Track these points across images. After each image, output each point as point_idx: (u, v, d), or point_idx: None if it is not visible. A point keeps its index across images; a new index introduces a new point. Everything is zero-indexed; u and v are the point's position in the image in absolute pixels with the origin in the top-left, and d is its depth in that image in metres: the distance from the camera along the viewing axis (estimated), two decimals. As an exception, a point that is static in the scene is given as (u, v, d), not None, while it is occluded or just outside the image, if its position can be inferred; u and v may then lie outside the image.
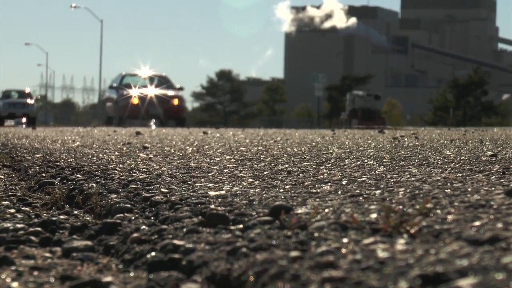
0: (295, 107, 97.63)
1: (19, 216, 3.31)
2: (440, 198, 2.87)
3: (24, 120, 50.24)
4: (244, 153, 6.14)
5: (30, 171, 5.32)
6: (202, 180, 3.96)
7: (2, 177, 5.23)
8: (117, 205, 3.25)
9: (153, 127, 35.66)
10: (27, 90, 53.96)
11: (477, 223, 2.24)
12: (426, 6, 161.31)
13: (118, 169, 4.75)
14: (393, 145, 7.03)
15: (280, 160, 5.23)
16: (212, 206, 2.92)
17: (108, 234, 2.74)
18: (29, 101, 52.30)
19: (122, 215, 3.07)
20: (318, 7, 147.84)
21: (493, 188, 3.13)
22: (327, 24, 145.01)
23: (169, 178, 4.09)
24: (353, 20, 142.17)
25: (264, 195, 3.21)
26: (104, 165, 5.04)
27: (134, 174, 4.37)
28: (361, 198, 3.01)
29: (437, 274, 1.65)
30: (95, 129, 16.76)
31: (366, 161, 5.00)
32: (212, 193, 3.33)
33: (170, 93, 36.80)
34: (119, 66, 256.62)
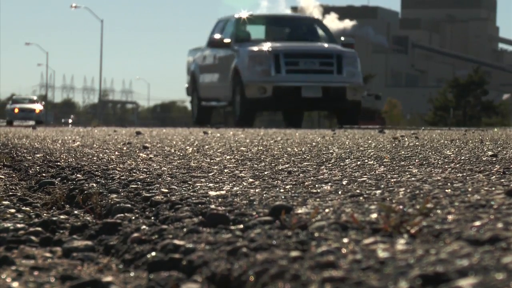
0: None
1: (19, 216, 3.31)
2: (441, 198, 2.87)
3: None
4: (244, 153, 6.14)
5: (30, 171, 5.32)
6: (203, 180, 3.96)
7: (2, 177, 5.23)
8: (118, 205, 3.25)
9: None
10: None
11: (477, 223, 2.24)
12: (426, 6, 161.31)
13: (118, 169, 4.75)
14: (393, 145, 7.03)
15: (280, 160, 5.23)
16: (213, 206, 2.92)
17: (108, 234, 2.74)
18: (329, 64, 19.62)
19: (122, 215, 3.07)
20: (294, 8, 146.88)
21: (493, 188, 3.13)
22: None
23: (169, 178, 4.09)
24: (332, 18, 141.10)
25: (264, 195, 3.21)
26: (105, 165, 5.04)
27: (134, 174, 4.37)
28: (361, 198, 3.01)
29: (438, 274, 1.65)
30: (95, 129, 16.76)
31: (366, 161, 5.00)
32: (212, 193, 3.33)
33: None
34: (119, 66, 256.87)
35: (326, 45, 20.34)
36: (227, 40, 20.36)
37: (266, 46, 19.59)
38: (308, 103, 20.00)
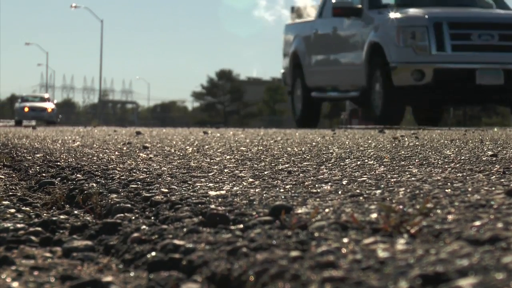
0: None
1: (19, 216, 3.31)
2: (441, 198, 2.87)
3: None
4: (244, 153, 6.14)
5: (30, 171, 5.32)
6: (203, 180, 3.96)
7: (2, 177, 5.23)
8: (117, 205, 3.25)
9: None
10: None
11: (477, 223, 2.24)
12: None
13: (118, 169, 4.75)
14: (393, 145, 7.03)
15: (280, 160, 5.23)
16: (212, 206, 2.92)
17: (108, 234, 2.75)
18: None
19: (122, 215, 3.07)
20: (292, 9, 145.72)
21: (493, 188, 3.13)
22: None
23: (169, 178, 4.09)
24: None
25: (264, 195, 3.21)
26: (104, 165, 5.04)
27: (134, 174, 4.37)
28: (361, 198, 3.01)
29: (438, 274, 1.65)
30: (95, 129, 16.76)
31: (366, 161, 5.00)
32: (212, 193, 3.33)
33: None
34: (119, 66, 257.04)
35: (503, 11, 14.58)
36: (358, 6, 14.70)
37: (420, 13, 13.75)
38: (483, 94, 14.16)
